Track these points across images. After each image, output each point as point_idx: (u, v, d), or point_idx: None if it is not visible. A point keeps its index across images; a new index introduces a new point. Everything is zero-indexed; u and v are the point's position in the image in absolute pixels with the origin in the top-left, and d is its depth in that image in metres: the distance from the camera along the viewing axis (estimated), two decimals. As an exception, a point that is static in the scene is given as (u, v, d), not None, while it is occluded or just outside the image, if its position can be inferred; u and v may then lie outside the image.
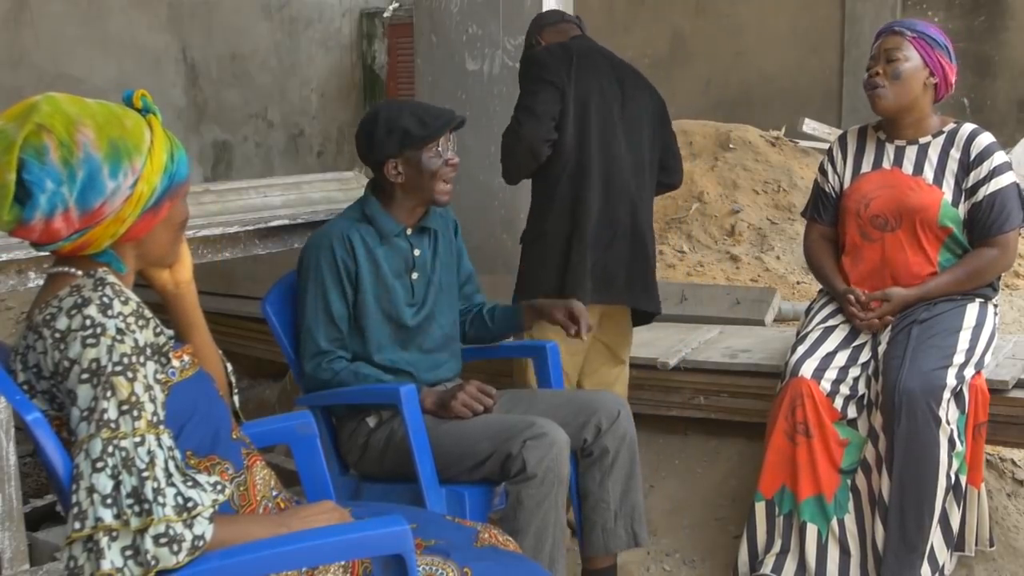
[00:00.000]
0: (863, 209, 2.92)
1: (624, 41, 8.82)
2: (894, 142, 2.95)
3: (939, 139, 2.91)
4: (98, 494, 1.45)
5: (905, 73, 2.84)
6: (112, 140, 1.55)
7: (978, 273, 2.84)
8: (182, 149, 1.68)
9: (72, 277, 1.61)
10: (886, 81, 2.86)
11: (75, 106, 1.56)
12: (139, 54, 7.51)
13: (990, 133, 2.92)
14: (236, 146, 8.36)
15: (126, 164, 1.56)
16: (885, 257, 2.89)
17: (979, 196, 2.82)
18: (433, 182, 2.62)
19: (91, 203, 1.54)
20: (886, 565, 2.63)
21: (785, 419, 2.74)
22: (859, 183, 2.96)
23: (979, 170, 2.83)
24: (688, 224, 4.95)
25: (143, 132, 1.60)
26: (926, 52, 2.86)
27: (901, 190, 2.88)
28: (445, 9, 4.23)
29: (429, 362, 2.71)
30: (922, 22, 2.94)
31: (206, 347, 1.87)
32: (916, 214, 2.84)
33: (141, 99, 1.64)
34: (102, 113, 1.58)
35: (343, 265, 2.59)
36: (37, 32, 6.89)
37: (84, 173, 1.53)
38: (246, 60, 8.37)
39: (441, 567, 1.78)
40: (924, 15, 7.93)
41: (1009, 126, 7.62)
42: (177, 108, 7.86)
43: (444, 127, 2.62)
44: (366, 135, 2.63)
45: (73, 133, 1.53)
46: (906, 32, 2.86)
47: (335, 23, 9.10)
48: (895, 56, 2.85)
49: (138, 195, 1.58)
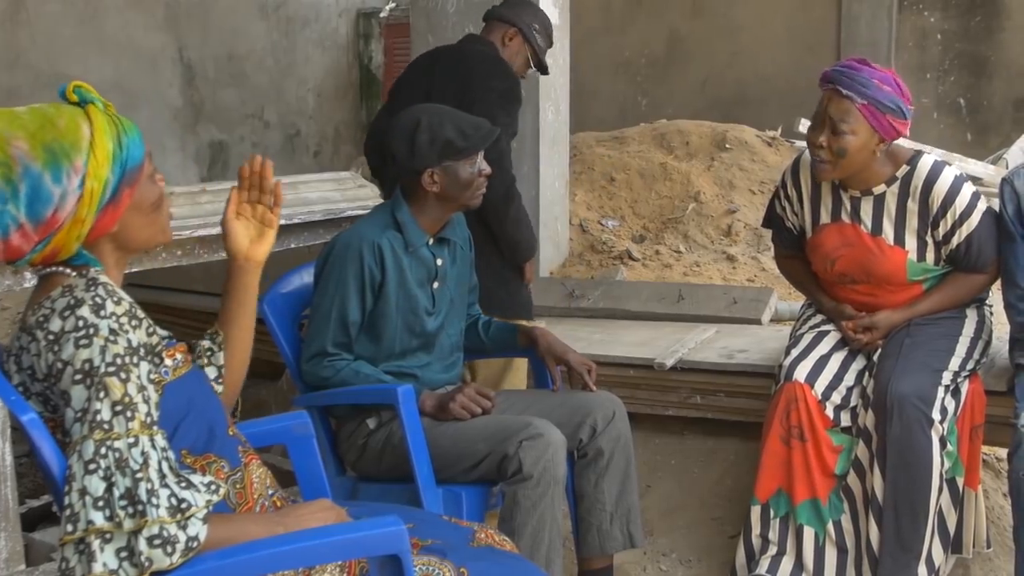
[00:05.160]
0: (829, 267, 2.85)
1: (621, 41, 8.84)
2: (848, 191, 2.80)
3: (893, 187, 2.75)
4: (90, 496, 1.45)
5: (851, 149, 2.64)
6: (47, 145, 1.51)
7: (968, 294, 2.83)
8: (132, 130, 1.61)
9: (64, 277, 1.60)
10: (830, 156, 2.66)
11: (2, 121, 1.52)
12: (135, 54, 7.50)
13: (947, 166, 2.75)
14: (232, 146, 8.35)
15: (67, 166, 1.52)
16: (863, 303, 2.86)
17: (953, 243, 2.74)
18: (466, 192, 2.62)
19: (42, 214, 1.51)
20: (882, 567, 2.63)
21: (780, 423, 2.74)
22: (820, 237, 2.85)
23: (945, 221, 2.72)
24: (685, 224, 4.95)
25: (79, 127, 1.55)
26: (876, 120, 2.63)
27: (864, 253, 2.78)
28: (441, 9, 4.24)
29: (436, 369, 2.71)
30: (872, 73, 2.65)
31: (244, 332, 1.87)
32: (883, 279, 2.79)
33: (75, 91, 1.60)
34: (33, 120, 1.53)
35: (369, 273, 2.57)
36: (33, 32, 6.89)
37: (26, 186, 1.49)
38: (242, 60, 8.37)
39: (437, 567, 1.77)
40: (920, 15, 7.94)
41: (1005, 126, 7.64)
42: (174, 108, 7.86)
43: (485, 140, 2.62)
44: (408, 142, 2.58)
45: (6, 149, 1.49)
46: (855, 98, 2.61)
47: (332, 23, 9.10)
48: (841, 128, 2.63)
49: (89, 193, 1.54)
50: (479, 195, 2.67)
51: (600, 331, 3.84)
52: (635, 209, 5.12)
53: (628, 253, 4.73)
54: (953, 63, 7.89)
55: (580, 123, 5.59)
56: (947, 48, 7.90)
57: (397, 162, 2.62)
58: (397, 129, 2.61)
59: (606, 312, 4.11)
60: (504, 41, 3.34)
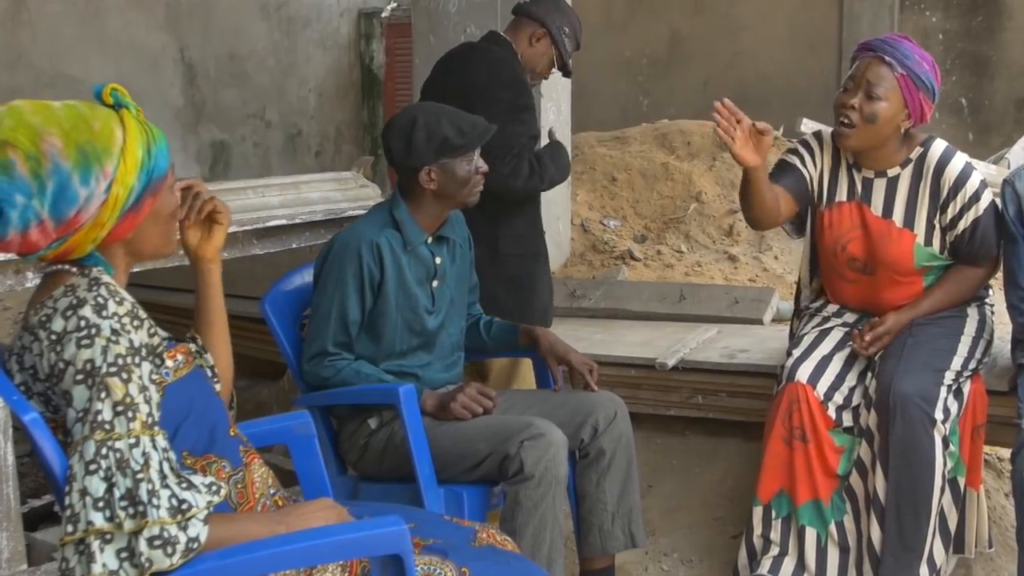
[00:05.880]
0: (840, 251, 2.84)
1: (622, 41, 8.83)
2: (861, 172, 2.82)
3: (907, 170, 2.77)
4: (90, 497, 1.45)
5: (881, 117, 2.66)
6: (80, 146, 1.52)
7: (968, 289, 2.83)
8: (160, 140, 1.62)
9: (67, 275, 1.60)
10: (859, 119, 2.67)
11: (39, 115, 1.52)
12: (137, 54, 7.50)
13: (959, 153, 2.78)
14: (234, 146, 8.35)
15: (97, 169, 1.52)
16: (865, 296, 2.86)
17: (959, 229, 2.75)
18: (463, 189, 2.62)
19: (65, 213, 1.52)
20: (884, 567, 2.63)
21: (782, 424, 2.74)
22: (834, 215, 2.85)
23: (955, 203, 2.73)
24: (686, 224, 4.95)
25: (113, 132, 1.56)
26: (910, 93, 2.66)
27: (874, 237, 2.79)
28: (443, 9, 4.24)
29: (437, 368, 2.71)
30: (914, 48, 2.71)
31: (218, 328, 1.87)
32: (891, 265, 2.79)
33: (112, 94, 1.59)
34: (68, 118, 1.54)
35: (368, 272, 2.57)
36: (35, 32, 6.88)
37: (54, 184, 1.50)
38: (244, 60, 8.36)
39: (439, 567, 1.77)
40: (922, 15, 7.93)
41: (1007, 126, 7.63)
42: (175, 108, 7.85)
43: (481, 137, 2.62)
44: (405, 140, 2.58)
45: (39, 144, 1.49)
46: (895, 66, 2.64)
47: (333, 23, 9.09)
48: (875, 93, 2.64)
49: (114, 198, 1.55)
50: (476, 192, 2.66)
51: (602, 331, 3.84)
52: (637, 209, 5.12)
53: (630, 253, 4.73)
54: (955, 63, 7.88)
55: (581, 123, 5.58)
56: (949, 48, 7.89)
57: (394, 160, 2.62)
58: (394, 127, 2.62)
59: (608, 312, 4.10)
60: (531, 41, 3.25)
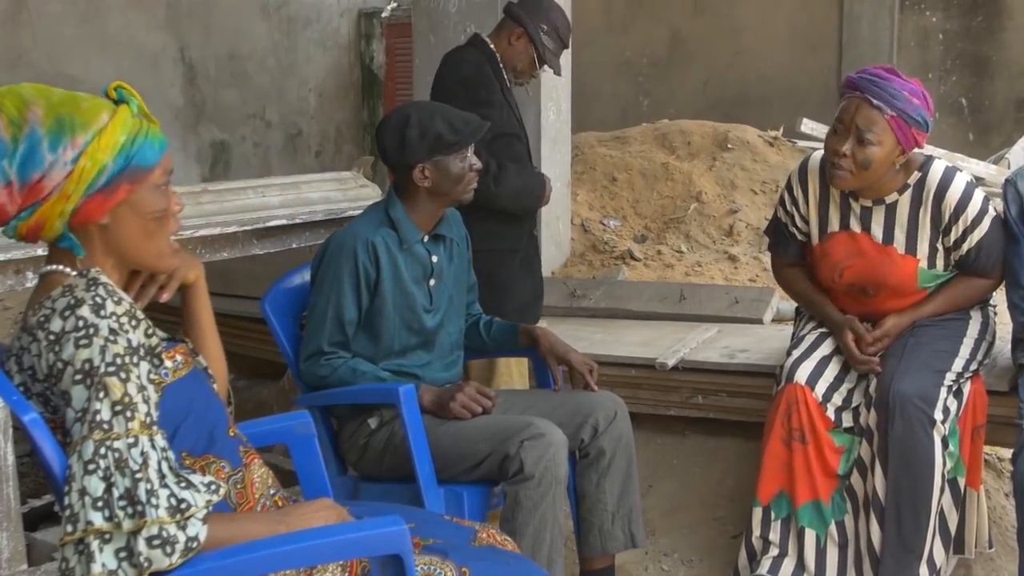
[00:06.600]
0: (837, 277, 2.80)
1: (622, 42, 8.84)
2: (859, 200, 2.75)
3: (905, 195, 2.71)
4: (89, 496, 1.45)
5: (876, 161, 2.60)
6: (59, 116, 1.55)
7: (973, 298, 2.82)
8: (153, 135, 1.63)
9: (65, 276, 1.60)
10: (852, 166, 2.61)
11: (34, 91, 1.58)
12: (137, 54, 7.50)
13: (958, 172, 2.72)
14: (234, 146, 8.35)
15: (67, 139, 1.55)
16: (866, 311, 2.82)
17: (963, 249, 2.72)
18: (458, 187, 2.62)
19: (30, 175, 1.54)
20: (884, 567, 2.63)
21: (781, 425, 2.74)
22: (828, 246, 2.80)
23: (956, 227, 2.69)
24: (686, 224, 4.95)
25: (99, 114, 1.59)
26: (902, 132, 2.59)
27: (874, 263, 2.74)
28: (443, 9, 4.24)
29: (436, 368, 2.71)
30: (902, 84, 2.61)
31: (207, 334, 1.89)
32: (895, 288, 2.76)
33: (116, 91, 1.63)
34: (60, 97, 1.58)
35: (364, 271, 2.57)
36: (35, 32, 6.89)
37: (25, 146, 1.53)
38: (244, 60, 8.36)
39: (439, 567, 1.77)
40: (922, 15, 7.94)
41: (1007, 126, 7.64)
42: (175, 108, 7.85)
43: (475, 134, 2.62)
44: (398, 138, 2.58)
45: (24, 112, 1.54)
46: (885, 109, 2.56)
47: (333, 23, 9.10)
48: (867, 139, 2.58)
49: (79, 170, 1.56)
50: (471, 189, 2.66)
51: (602, 331, 3.84)
52: (637, 209, 5.12)
53: (630, 253, 4.73)
54: (955, 63, 7.89)
55: (582, 123, 5.59)
56: (949, 48, 7.90)
57: (388, 158, 2.63)
58: (388, 125, 2.62)
59: (608, 312, 4.10)
60: (510, 40, 3.30)
